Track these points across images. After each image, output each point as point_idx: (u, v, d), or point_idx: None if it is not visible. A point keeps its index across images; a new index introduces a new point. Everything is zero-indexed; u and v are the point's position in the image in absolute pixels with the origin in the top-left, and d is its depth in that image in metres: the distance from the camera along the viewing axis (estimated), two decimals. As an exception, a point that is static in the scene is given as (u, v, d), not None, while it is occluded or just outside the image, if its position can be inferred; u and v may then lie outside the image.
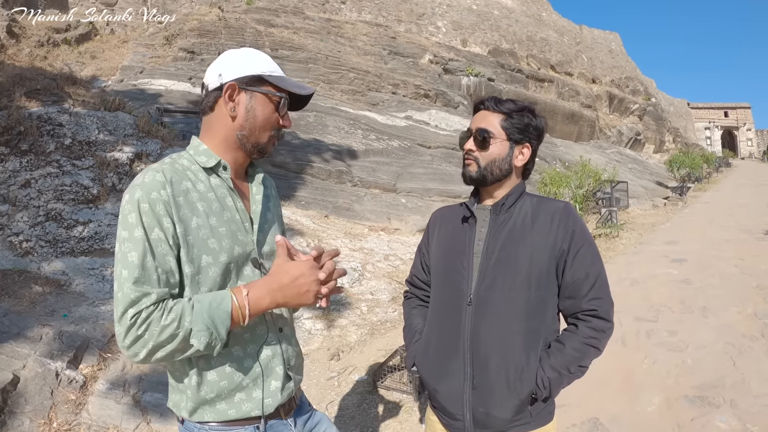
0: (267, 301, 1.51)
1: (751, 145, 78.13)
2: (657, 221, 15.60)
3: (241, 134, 1.63)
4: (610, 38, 49.21)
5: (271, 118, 1.66)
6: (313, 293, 1.53)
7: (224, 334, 1.45)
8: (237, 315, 1.47)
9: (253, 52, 1.68)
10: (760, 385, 4.53)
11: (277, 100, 1.65)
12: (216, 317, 1.44)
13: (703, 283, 8.02)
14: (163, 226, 1.47)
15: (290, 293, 1.51)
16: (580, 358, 1.81)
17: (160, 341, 1.40)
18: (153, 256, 1.45)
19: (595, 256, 1.89)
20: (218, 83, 1.61)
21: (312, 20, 20.97)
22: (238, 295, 1.48)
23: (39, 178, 7.20)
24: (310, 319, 6.08)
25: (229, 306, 1.46)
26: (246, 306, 1.47)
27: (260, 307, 1.51)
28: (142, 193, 1.47)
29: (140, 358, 1.43)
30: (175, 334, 1.40)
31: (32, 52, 13.65)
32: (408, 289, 2.31)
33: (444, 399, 1.92)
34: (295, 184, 10.94)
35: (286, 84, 1.66)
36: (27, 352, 4.28)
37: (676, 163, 29.01)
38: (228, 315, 1.45)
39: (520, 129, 1.93)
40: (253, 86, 1.62)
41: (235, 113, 1.62)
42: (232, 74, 1.60)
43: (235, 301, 1.47)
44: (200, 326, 1.41)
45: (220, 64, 1.65)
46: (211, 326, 1.42)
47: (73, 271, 5.95)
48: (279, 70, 1.69)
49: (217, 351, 1.47)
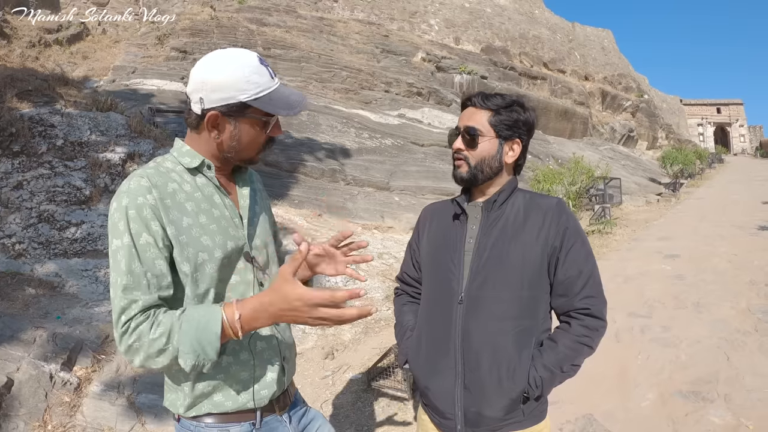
0: (262, 320, 1.43)
1: (744, 141, 78.48)
2: (650, 217, 15.65)
3: (228, 155, 1.61)
4: (603, 35, 49.28)
5: (259, 138, 1.60)
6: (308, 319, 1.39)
7: (213, 355, 1.41)
8: (228, 333, 1.42)
9: (236, 66, 1.50)
10: (754, 380, 4.55)
11: (263, 123, 1.58)
12: (203, 339, 1.40)
13: (696, 278, 8.05)
14: (152, 230, 1.46)
15: (287, 316, 1.41)
16: (573, 356, 1.80)
17: (151, 354, 1.41)
18: (141, 262, 1.44)
19: (588, 253, 1.87)
20: (199, 109, 1.52)
21: (304, 19, 20.95)
22: (228, 311, 1.42)
23: (31, 179, 7.17)
24: (305, 319, 6.07)
25: (219, 327, 1.40)
26: (238, 329, 1.41)
27: (253, 326, 1.45)
28: (129, 199, 1.46)
29: (136, 365, 1.44)
30: (164, 350, 1.40)
31: (24, 52, 13.57)
32: (399, 285, 2.30)
33: (435, 397, 1.91)
34: (288, 183, 10.93)
35: (272, 107, 1.54)
36: (21, 354, 4.26)
37: (669, 160, 29.07)
38: (217, 336, 1.40)
39: (509, 125, 1.89)
40: (237, 114, 1.53)
41: (219, 140, 1.57)
42: (213, 102, 1.50)
43: (225, 321, 1.41)
44: (187, 348, 1.39)
45: (201, 81, 1.51)
46: (198, 349, 1.39)
47: (66, 272, 5.93)
48: (267, 83, 1.55)
49: (207, 369, 1.45)
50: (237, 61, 1.52)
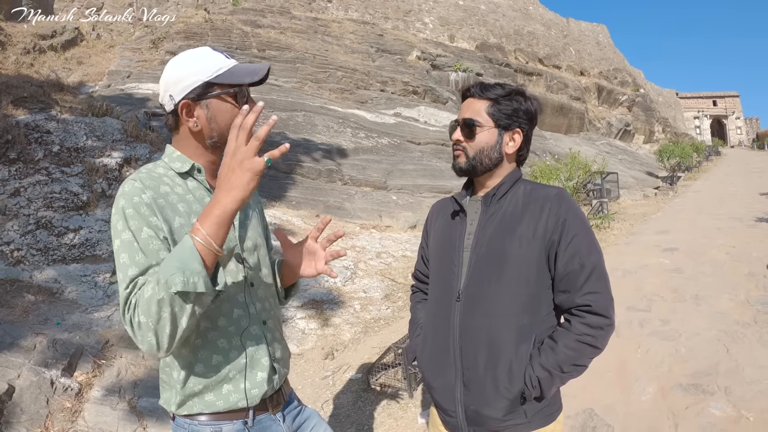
0: (215, 210, 1.36)
1: (741, 133, 78.59)
2: (648, 211, 15.68)
3: (212, 141, 1.64)
4: (598, 30, 49.34)
5: (234, 113, 1.61)
6: (244, 161, 1.34)
7: (199, 267, 1.34)
8: (201, 246, 1.35)
9: (192, 56, 1.61)
10: (754, 372, 4.56)
11: (233, 96, 1.62)
12: (182, 256, 1.34)
13: (694, 271, 8.06)
14: (152, 224, 1.49)
15: (226, 184, 1.36)
16: (575, 357, 1.71)
17: (154, 315, 1.34)
18: (144, 254, 1.45)
19: (591, 245, 1.77)
20: (172, 105, 1.60)
21: (299, 20, 20.94)
22: (193, 230, 1.38)
23: (28, 186, 7.16)
24: (304, 319, 6.08)
25: (189, 241, 1.36)
26: (200, 229, 1.36)
27: (214, 220, 1.36)
28: (125, 200, 1.50)
29: (155, 345, 1.38)
30: (160, 299, 1.33)
31: (18, 59, 13.58)
32: (414, 283, 2.31)
33: (439, 395, 1.90)
34: (286, 185, 10.93)
35: (235, 78, 1.60)
36: (21, 361, 4.26)
37: (666, 153, 29.13)
38: (192, 248, 1.34)
39: (508, 114, 1.85)
40: (205, 96, 1.59)
41: (199, 127, 1.62)
42: (180, 92, 1.58)
43: (193, 236, 1.36)
44: (171, 270, 1.32)
45: (166, 83, 1.61)
46: (181, 265, 1.33)
47: (65, 278, 5.93)
48: (224, 62, 1.61)
49: (202, 286, 1.34)
50: (192, 53, 1.63)
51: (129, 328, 1.40)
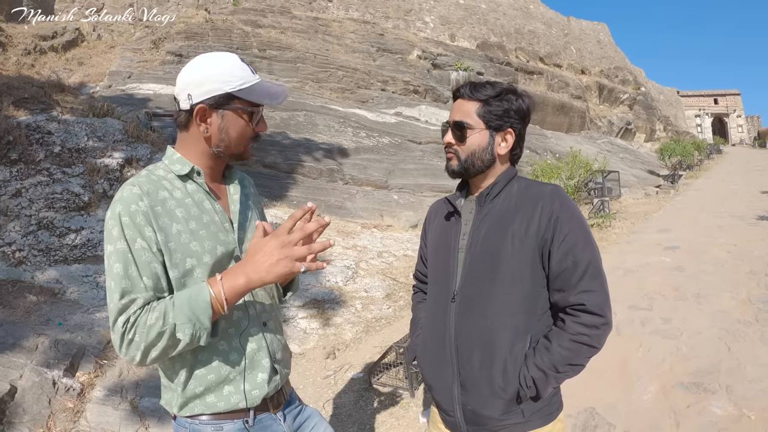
0: (242, 281, 1.49)
1: (742, 131, 78.48)
2: (649, 210, 15.65)
3: (217, 150, 1.66)
4: (598, 29, 49.30)
5: (246, 131, 1.66)
6: (286, 259, 1.47)
7: (207, 323, 1.48)
8: (216, 303, 1.48)
9: (220, 62, 1.61)
10: (756, 370, 4.56)
11: (249, 114, 1.64)
12: (196, 308, 1.46)
13: (696, 269, 8.05)
14: (145, 235, 1.51)
15: (262, 266, 1.48)
16: (570, 356, 1.68)
17: (150, 340, 1.44)
18: (137, 266, 1.49)
19: (586, 242, 1.73)
20: (188, 105, 1.60)
21: (299, 19, 20.92)
22: (213, 284, 1.50)
23: (30, 187, 7.17)
24: (305, 319, 6.09)
25: (207, 296, 1.47)
26: (221, 291, 1.48)
27: (236, 290, 1.50)
28: (122, 207, 1.52)
29: (137, 360, 1.47)
30: (162, 332, 1.43)
31: (19, 60, 13.60)
32: (415, 283, 2.32)
33: (438, 395, 1.91)
34: (287, 184, 10.93)
35: (256, 97, 1.63)
36: (23, 362, 4.27)
37: (668, 152, 29.09)
38: (207, 304, 1.47)
39: (499, 115, 1.82)
40: (224, 106, 1.60)
41: (209, 134, 1.63)
42: (200, 95, 1.58)
43: (210, 291, 1.48)
44: (183, 319, 1.44)
45: (187, 81, 1.60)
46: (192, 318, 1.45)
47: (67, 279, 5.94)
48: (249, 77, 1.63)
49: (204, 340, 1.49)
50: (221, 58, 1.63)
51: (117, 338, 1.47)
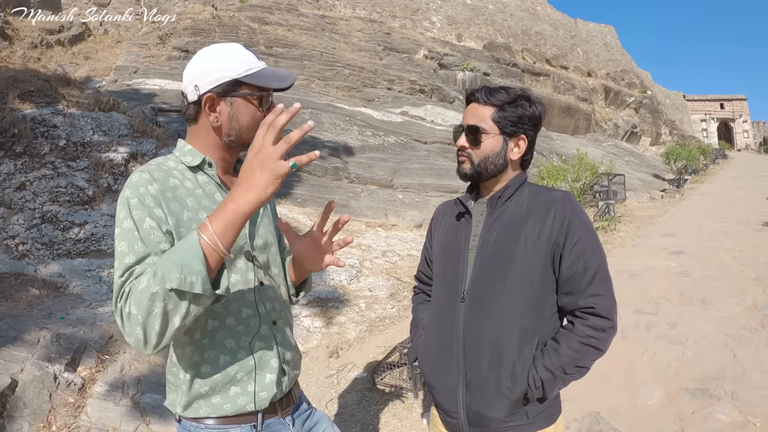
0: (229, 207, 1.28)
1: (748, 136, 78.23)
2: (654, 214, 15.60)
3: (229, 140, 1.61)
4: (605, 31, 49.18)
5: (257, 117, 1.60)
6: (269, 161, 1.24)
7: (198, 266, 1.26)
8: (209, 247, 1.28)
9: (224, 51, 1.58)
10: (761, 377, 4.53)
11: (258, 99, 1.60)
12: (183, 251, 1.27)
13: (701, 275, 8.01)
14: (155, 216, 1.44)
15: (245, 183, 1.26)
16: (577, 358, 1.72)
17: (145, 308, 1.27)
18: (144, 244, 1.41)
19: (596, 248, 1.77)
20: (196, 96, 1.56)
21: (306, 17, 20.92)
22: (202, 226, 1.30)
23: (34, 180, 7.16)
24: (309, 317, 6.07)
25: (194, 236, 1.29)
26: (208, 226, 1.28)
27: (227, 220, 1.28)
28: (131, 190, 1.47)
29: (144, 341, 1.32)
30: (154, 293, 1.26)
31: (26, 53, 13.61)
32: (416, 284, 2.31)
33: (440, 396, 1.90)
34: (292, 182, 10.92)
35: (264, 81, 1.58)
36: (25, 355, 4.25)
37: (673, 156, 29.05)
38: (196, 245, 1.27)
39: (514, 121, 1.83)
40: (231, 93, 1.55)
41: (219, 123, 1.58)
42: (207, 84, 1.54)
43: (202, 237, 1.29)
44: (170, 266, 1.25)
45: (193, 72, 1.57)
46: (180, 261, 1.25)
47: (70, 273, 5.93)
48: (255, 63, 1.59)
49: (200, 287, 1.27)
50: (224, 47, 1.60)
51: (118, 318, 1.34)
